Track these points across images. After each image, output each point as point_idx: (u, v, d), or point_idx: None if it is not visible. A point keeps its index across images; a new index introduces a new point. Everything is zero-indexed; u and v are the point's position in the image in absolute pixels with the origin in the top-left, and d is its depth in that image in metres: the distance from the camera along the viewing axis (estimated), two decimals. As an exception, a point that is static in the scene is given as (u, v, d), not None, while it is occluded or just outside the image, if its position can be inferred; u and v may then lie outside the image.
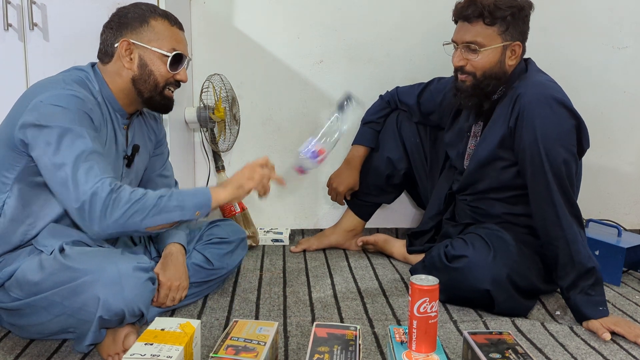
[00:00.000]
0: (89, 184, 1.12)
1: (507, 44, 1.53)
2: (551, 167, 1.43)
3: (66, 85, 1.22)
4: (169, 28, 1.32)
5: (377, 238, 2.02)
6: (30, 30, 1.64)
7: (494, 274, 1.45)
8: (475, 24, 1.52)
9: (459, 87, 1.60)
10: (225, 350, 1.03)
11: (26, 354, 1.23)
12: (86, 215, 1.13)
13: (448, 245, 1.57)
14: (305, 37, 2.17)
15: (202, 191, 1.23)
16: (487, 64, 1.53)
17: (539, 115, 1.45)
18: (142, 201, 1.15)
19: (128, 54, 1.30)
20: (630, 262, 1.85)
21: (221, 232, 1.58)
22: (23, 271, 1.18)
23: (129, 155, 1.40)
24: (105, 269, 1.11)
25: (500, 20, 1.50)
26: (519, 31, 1.54)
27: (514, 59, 1.55)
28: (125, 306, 1.11)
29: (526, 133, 1.46)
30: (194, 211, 1.20)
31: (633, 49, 2.23)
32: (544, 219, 1.45)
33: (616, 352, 1.30)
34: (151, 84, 1.32)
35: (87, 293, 1.10)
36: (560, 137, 1.45)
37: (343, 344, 1.07)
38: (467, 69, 1.55)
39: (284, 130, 2.23)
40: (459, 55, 1.56)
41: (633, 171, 2.31)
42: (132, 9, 1.32)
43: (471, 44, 1.52)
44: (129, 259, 1.16)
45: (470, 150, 1.69)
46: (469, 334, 1.15)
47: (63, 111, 1.17)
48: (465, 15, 1.53)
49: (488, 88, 1.56)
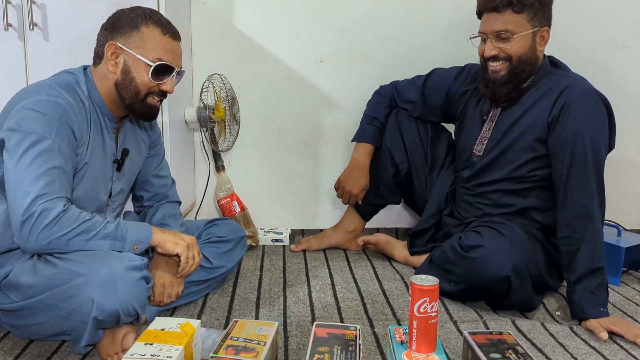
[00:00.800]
0: (43, 199, 1.12)
1: (536, 29, 1.55)
2: (594, 159, 1.46)
3: (51, 90, 1.21)
4: (159, 36, 1.29)
5: (379, 238, 2.01)
6: (30, 30, 1.64)
7: (514, 260, 1.45)
8: (504, 12, 1.53)
9: (490, 78, 1.60)
10: (225, 350, 1.03)
11: (26, 354, 1.23)
12: (28, 228, 1.11)
13: (462, 237, 1.57)
14: (305, 37, 2.17)
15: (145, 227, 1.25)
16: (521, 50, 1.55)
17: (586, 108, 1.48)
18: (88, 224, 1.16)
19: (114, 57, 1.29)
20: (630, 262, 1.85)
21: (220, 230, 1.58)
22: (16, 274, 1.17)
23: (119, 159, 1.39)
24: (98, 269, 1.11)
25: (528, 7, 1.52)
26: (546, 17, 1.57)
27: (543, 45, 1.58)
28: (119, 306, 1.11)
29: (572, 123, 1.48)
30: (133, 245, 1.21)
31: (633, 49, 2.23)
32: (573, 210, 1.46)
33: (616, 352, 1.30)
34: (132, 90, 1.29)
35: (80, 295, 1.10)
36: (603, 133, 1.49)
37: (343, 344, 1.07)
38: (501, 57, 1.56)
39: (284, 130, 2.23)
40: (490, 45, 1.57)
41: (633, 171, 2.31)
42: (128, 13, 1.30)
43: (503, 32, 1.53)
44: (121, 258, 1.15)
45: (485, 135, 1.68)
46: (469, 334, 1.15)
47: (41, 117, 1.16)
48: (493, 6, 1.54)
49: (523, 74, 1.57)
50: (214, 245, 1.55)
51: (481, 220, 1.64)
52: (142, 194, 1.56)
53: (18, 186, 1.13)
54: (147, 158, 1.53)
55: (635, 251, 1.82)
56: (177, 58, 1.33)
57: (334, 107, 2.22)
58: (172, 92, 1.35)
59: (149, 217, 1.52)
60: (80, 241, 1.15)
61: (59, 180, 1.15)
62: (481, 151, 1.69)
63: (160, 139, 1.58)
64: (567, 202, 1.48)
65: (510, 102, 1.63)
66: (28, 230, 1.11)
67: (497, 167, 1.65)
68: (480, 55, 1.62)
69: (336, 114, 2.23)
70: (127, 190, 1.50)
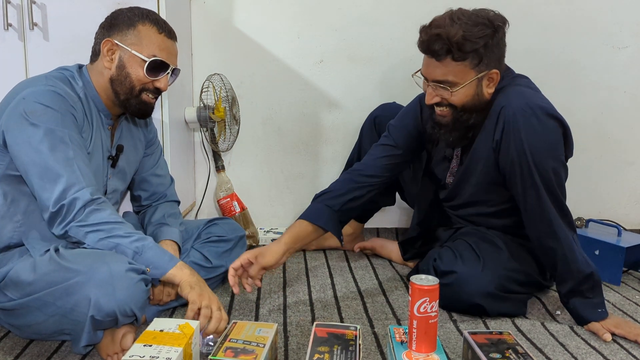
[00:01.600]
0: (72, 189, 1.15)
1: (483, 74, 1.39)
2: (542, 179, 1.37)
3: (47, 81, 1.23)
4: (155, 34, 1.31)
5: (374, 243, 2.01)
6: (30, 30, 1.64)
7: (484, 288, 1.44)
8: (444, 61, 1.36)
9: (438, 121, 1.47)
10: (224, 352, 1.03)
11: (26, 354, 1.23)
12: (59, 219, 1.16)
13: (436, 258, 1.55)
14: (305, 37, 2.17)
15: (171, 258, 1.22)
16: (465, 98, 1.41)
17: (524, 127, 1.35)
18: (112, 224, 1.17)
19: (110, 54, 1.31)
20: (630, 262, 1.85)
21: (219, 230, 1.58)
22: (17, 272, 1.18)
23: (113, 155, 1.40)
24: (97, 269, 1.11)
25: (472, 53, 1.35)
26: (495, 58, 1.40)
27: (492, 86, 1.43)
28: (116, 307, 1.10)
29: (513, 145, 1.37)
30: (146, 265, 1.19)
31: (633, 49, 2.23)
32: (538, 231, 1.41)
33: (616, 352, 1.30)
34: (127, 86, 1.31)
35: (78, 293, 1.10)
36: (549, 148, 1.37)
37: (343, 344, 1.07)
38: (444, 103, 1.43)
39: (284, 130, 2.23)
40: (431, 92, 1.43)
41: (633, 171, 2.31)
42: (126, 12, 1.33)
43: (442, 82, 1.39)
44: (122, 259, 1.15)
45: (453, 170, 1.63)
46: (469, 334, 1.15)
47: (46, 110, 1.18)
48: (432, 51, 1.37)
49: (470, 121, 1.45)
50: (213, 244, 1.55)
51: (465, 230, 1.63)
52: (139, 193, 1.56)
53: (42, 179, 1.15)
54: (143, 157, 1.53)
55: (635, 251, 1.82)
56: (172, 57, 1.35)
57: (334, 107, 2.22)
58: (166, 89, 1.36)
59: (148, 217, 1.52)
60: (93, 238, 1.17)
61: (80, 170, 1.18)
62: (451, 182, 1.64)
63: (156, 138, 1.58)
64: (531, 223, 1.42)
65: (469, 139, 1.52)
66: (58, 221, 1.16)
67: (468, 195, 1.60)
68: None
69: (336, 114, 2.22)
70: (122, 190, 1.49)
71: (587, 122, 2.26)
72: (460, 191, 1.62)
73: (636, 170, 2.31)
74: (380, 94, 2.20)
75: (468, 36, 1.33)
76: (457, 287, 1.46)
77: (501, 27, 1.39)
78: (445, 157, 1.63)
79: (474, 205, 1.61)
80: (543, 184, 1.37)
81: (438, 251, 1.59)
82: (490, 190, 1.54)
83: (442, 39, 1.34)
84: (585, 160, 2.26)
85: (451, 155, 1.62)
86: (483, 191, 1.56)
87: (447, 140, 1.50)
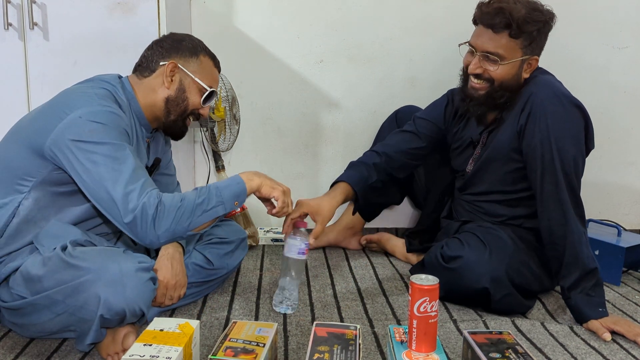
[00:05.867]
0: (140, 198, 1.16)
1: (527, 57, 1.49)
2: (562, 164, 1.42)
3: (101, 101, 1.25)
4: (212, 67, 1.43)
5: (380, 237, 2.02)
6: (30, 29, 1.64)
7: (492, 271, 1.45)
8: (500, 34, 1.45)
9: (469, 93, 1.55)
10: (224, 352, 1.03)
11: (26, 353, 1.23)
12: (139, 229, 1.16)
13: (444, 245, 1.57)
14: (305, 37, 2.17)
15: (237, 181, 1.27)
16: (506, 76, 1.49)
17: (551, 113, 1.43)
18: (184, 206, 1.19)
19: (171, 75, 1.36)
20: (630, 262, 1.85)
21: (221, 232, 1.58)
22: (26, 267, 1.18)
23: (150, 167, 1.45)
24: (107, 268, 1.11)
25: (526, 34, 1.45)
26: (540, 46, 1.51)
27: (529, 72, 1.52)
28: (126, 306, 1.11)
29: (538, 130, 1.44)
30: (233, 201, 1.25)
31: (633, 49, 2.23)
32: (550, 218, 1.44)
33: (616, 352, 1.30)
34: (182, 108, 1.39)
35: (88, 292, 1.10)
36: (572, 135, 1.44)
37: (343, 344, 1.07)
38: (484, 76, 1.51)
39: (284, 130, 2.23)
40: (477, 62, 1.50)
41: (633, 171, 2.31)
42: (188, 39, 1.41)
43: (492, 54, 1.47)
44: (131, 258, 1.17)
45: (476, 156, 1.67)
46: (469, 334, 1.15)
47: (104, 128, 1.19)
48: (490, 23, 1.46)
49: (501, 99, 1.52)
50: (215, 246, 1.55)
51: (471, 225, 1.64)
52: None
53: (109, 195, 1.16)
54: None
55: (635, 251, 1.82)
56: (217, 88, 1.47)
57: (334, 107, 2.22)
58: (206, 117, 1.47)
59: None
60: (183, 227, 1.19)
61: (143, 177, 1.19)
62: (471, 170, 1.68)
63: (170, 142, 1.61)
64: (544, 210, 1.46)
65: (495, 123, 1.60)
66: (139, 231, 1.16)
67: (484, 181, 1.64)
68: (465, 66, 1.56)
69: (336, 114, 2.23)
70: None
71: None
72: (478, 179, 1.65)
73: (636, 170, 2.31)
74: (380, 94, 2.20)
75: (529, 18, 1.43)
76: (464, 270, 1.47)
77: (553, 20, 1.51)
78: (471, 142, 1.68)
79: (490, 193, 1.64)
80: (562, 171, 1.42)
81: (444, 241, 1.60)
82: (507, 178, 1.58)
83: (504, 13, 1.43)
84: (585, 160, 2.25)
85: (478, 140, 1.66)
86: (500, 178, 1.60)
87: (474, 113, 1.57)
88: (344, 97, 2.21)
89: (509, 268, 1.47)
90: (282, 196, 1.33)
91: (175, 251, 1.42)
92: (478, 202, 1.69)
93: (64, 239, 1.22)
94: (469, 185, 1.70)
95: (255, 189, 1.30)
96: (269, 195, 1.32)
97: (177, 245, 1.44)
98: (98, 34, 1.60)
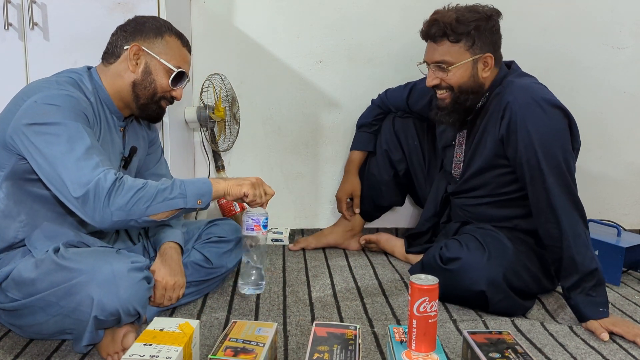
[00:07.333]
0: (94, 173, 1.12)
1: (477, 57, 1.52)
2: (550, 169, 1.42)
3: (59, 86, 1.23)
4: (179, 47, 1.37)
5: (380, 237, 2.02)
6: (30, 29, 1.64)
7: (489, 275, 1.45)
8: (441, 42, 1.52)
9: (438, 105, 1.60)
10: (223, 351, 1.03)
11: (26, 353, 1.23)
12: (90, 204, 1.12)
13: (443, 246, 1.57)
14: (305, 37, 2.17)
15: (203, 180, 1.25)
16: (461, 79, 1.53)
17: (530, 118, 1.43)
18: (146, 189, 1.16)
19: (135, 58, 1.33)
20: (629, 262, 1.85)
21: (220, 231, 1.59)
22: (19, 271, 1.18)
23: (126, 156, 1.41)
24: (99, 269, 1.11)
25: (464, 35, 1.49)
26: (488, 42, 1.52)
27: (487, 71, 1.54)
28: (120, 306, 1.11)
29: (521, 138, 1.44)
30: (196, 199, 1.21)
31: (633, 49, 2.23)
32: (546, 222, 1.44)
33: (616, 352, 1.30)
34: (150, 91, 1.35)
35: (81, 293, 1.10)
36: (556, 137, 1.43)
37: (343, 343, 1.07)
38: (443, 85, 1.55)
39: (284, 130, 2.23)
40: (431, 75, 1.57)
41: (633, 171, 2.31)
42: (151, 20, 1.37)
43: (440, 63, 1.53)
44: (123, 258, 1.16)
45: (457, 159, 1.69)
46: (469, 334, 1.15)
47: (58, 109, 1.17)
48: (431, 35, 1.54)
49: (467, 103, 1.56)
50: (214, 245, 1.55)
51: (470, 226, 1.65)
52: None
53: (61, 171, 1.13)
54: (146, 156, 1.53)
55: (635, 251, 1.82)
56: (189, 68, 1.42)
57: (334, 107, 2.22)
58: (180, 99, 1.41)
59: None
60: (140, 209, 1.15)
61: (98, 156, 1.16)
62: (458, 174, 1.70)
63: (158, 138, 1.59)
64: (540, 214, 1.45)
65: (470, 123, 1.62)
66: (90, 207, 1.12)
67: (474, 187, 1.66)
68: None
69: (336, 113, 2.23)
70: None
71: (587, 122, 2.24)
72: (467, 184, 1.67)
73: (636, 170, 2.31)
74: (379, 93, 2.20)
75: (461, 19, 1.49)
76: (462, 273, 1.47)
77: (493, 16, 1.53)
78: (452, 144, 1.70)
79: (481, 197, 1.65)
80: (552, 174, 1.42)
81: (444, 242, 1.61)
82: (497, 181, 1.60)
83: (438, 22, 1.51)
84: (585, 160, 2.25)
85: (454, 140, 1.69)
86: (490, 182, 1.61)
87: (447, 122, 1.62)
88: (344, 97, 2.21)
89: (507, 271, 1.47)
90: (251, 189, 1.28)
91: (174, 251, 1.42)
92: (470, 206, 1.69)
93: (56, 241, 1.22)
94: (459, 190, 1.71)
95: (223, 192, 1.27)
96: (239, 194, 1.28)
97: (176, 245, 1.44)
98: (98, 34, 1.59)
